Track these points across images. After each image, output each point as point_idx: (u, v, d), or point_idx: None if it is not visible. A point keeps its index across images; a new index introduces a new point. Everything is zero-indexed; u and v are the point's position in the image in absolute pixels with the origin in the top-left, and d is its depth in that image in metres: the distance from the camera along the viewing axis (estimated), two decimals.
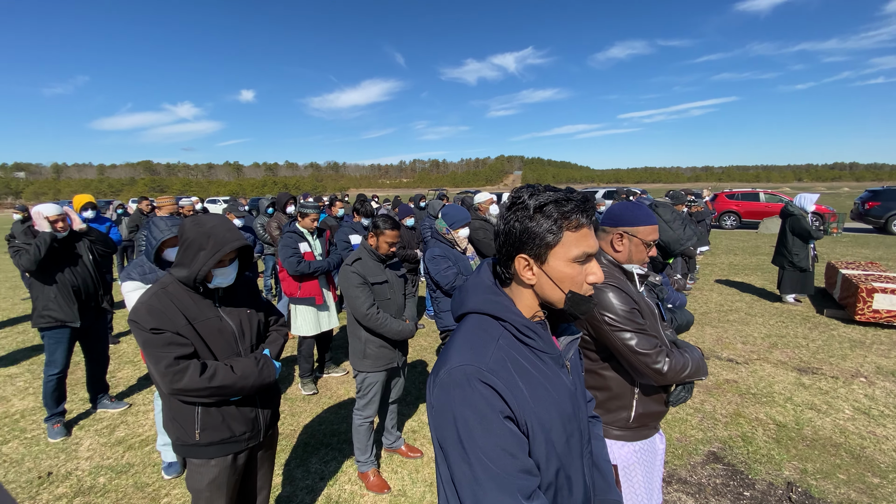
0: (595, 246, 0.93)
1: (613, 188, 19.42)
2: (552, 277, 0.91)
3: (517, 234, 0.92)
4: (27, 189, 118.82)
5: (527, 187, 0.95)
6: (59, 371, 3.36)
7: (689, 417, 3.52)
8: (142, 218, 6.83)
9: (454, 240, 3.28)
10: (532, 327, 0.93)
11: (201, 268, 1.64)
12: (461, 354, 0.88)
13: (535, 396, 0.88)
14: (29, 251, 3.09)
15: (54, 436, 3.33)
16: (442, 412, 0.85)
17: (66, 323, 3.29)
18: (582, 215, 0.90)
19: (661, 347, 1.57)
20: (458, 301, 1.02)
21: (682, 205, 6.10)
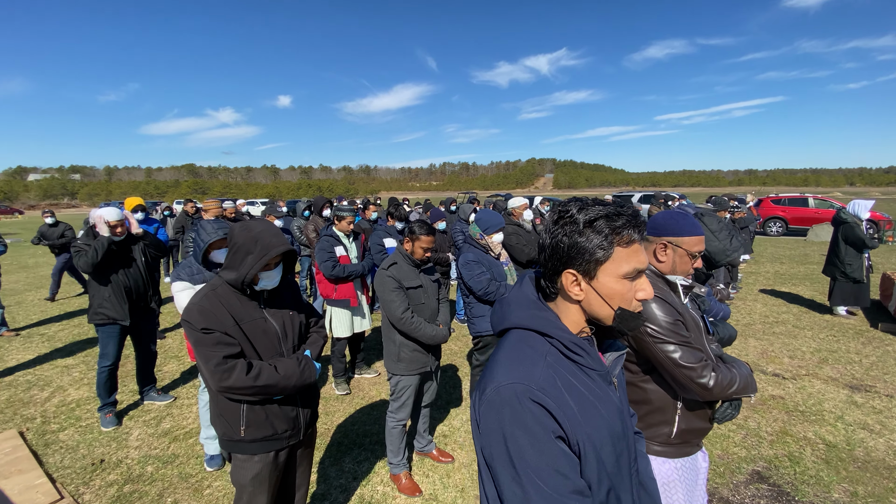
0: (645, 262, 0.91)
1: (650, 192, 18.85)
2: (601, 294, 0.89)
3: (565, 249, 0.90)
4: (82, 190, 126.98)
5: (574, 201, 0.93)
6: (111, 363, 3.57)
7: (732, 434, 3.37)
8: (187, 219, 7.17)
9: (488, 245, 3.27)
10: (580, 343, 0.91)
11: (249, 271, 1.71)
12: (509, 372, 0.86)
13: (586, 415, 0.86)
14: (87, 254, 3.31)
15: (106, 424, 3.54)
16: (491, 431, 0.83)
17: (117, 320, 3.51)
18: (634, 230, 0.88)
19: (706, 361, 1.51)
20: (500, 315, 1.00)
21: (725, 211, 5.86)
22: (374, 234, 5.02)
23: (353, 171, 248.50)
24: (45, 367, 4.82)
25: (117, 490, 2.80)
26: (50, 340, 5.68)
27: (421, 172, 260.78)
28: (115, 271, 3.48)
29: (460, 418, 3.65)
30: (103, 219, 3.42)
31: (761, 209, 17.02)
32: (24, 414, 3.79)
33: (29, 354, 5.17)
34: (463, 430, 3.48)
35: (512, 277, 3.39)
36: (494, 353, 0.96)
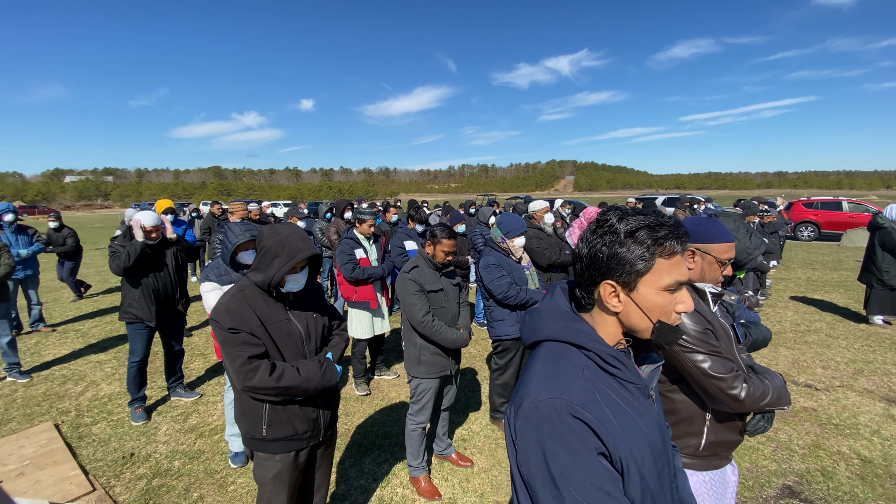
0: (687, 274, 0.89)
1: (675, 195, 18.44)
2: (641, 306, 0.87)
3: (604, 260, 0.88)
4: (114, 192, 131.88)
5: (613, 209, 0.92)
6: (140, 359, 3.71)
7: (762, 447, 3.26)
8: (213, 220, 7.37)
9: (509, 249, 3.26)
10: (617, 356, 0.89)
11: (276, 273, 1.75)
12: (546, 386, 0.84)
13: (627, 430, 0.84)
14: (120, 257, 3.44)
15: (136, 419, 3.67)
16: (529, 448, 0.81)
17: (143, 321, 3.64)
18: (676, 242, 0.86)
19: (737, 372, 1.47)
20: (532, 327, 0.98)
21: (754, 215, 5.68)
22: (394, 237, 5.06)
23: (372, 173, 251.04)
24: (80, 361, 5.01)
25: (146, 484, 2.89)
26: (84, 336, 5.91)
27: (440, 174, 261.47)
28: (146, 274, 3.61)
29: (479, 422, 3.64)
30: (140, 223, 3.53)
31: (792, 213, 16.44)
32: (60, 407, 3.95)
33: (64, 350, 5.39)
34: (482, 434, 3.47)
35: (533, 282, 3.36)
36: (528, 366, 0.94)
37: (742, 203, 6.00)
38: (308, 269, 1.91)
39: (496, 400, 3.49)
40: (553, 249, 4.16)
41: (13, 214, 5.50)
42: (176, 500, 2.74)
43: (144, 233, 3.55)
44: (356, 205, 6.49)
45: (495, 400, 3.50)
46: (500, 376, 3.43)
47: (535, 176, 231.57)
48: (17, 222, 5.57)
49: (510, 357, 3.37)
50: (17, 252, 5.42)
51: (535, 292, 3.25)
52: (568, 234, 4.92)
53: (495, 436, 3.45)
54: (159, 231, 3.64)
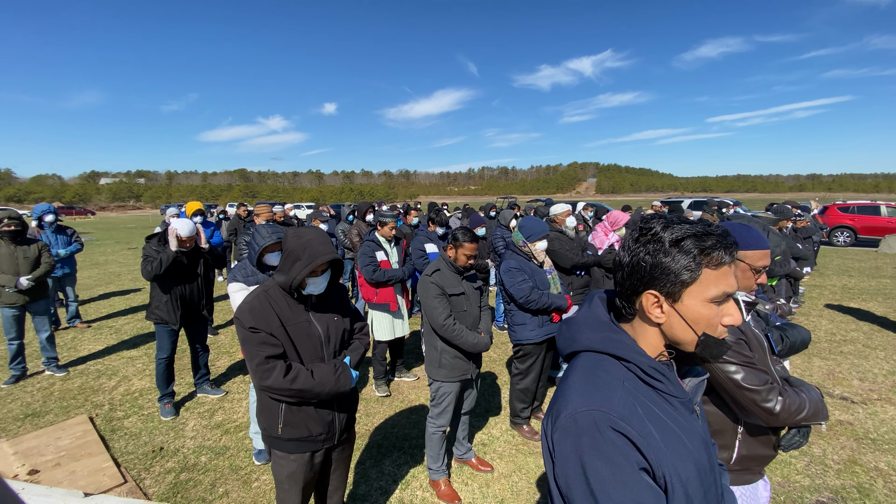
0: (735, 285, 0.85)
1: (702, 198, 17.97)
2: (685, 318, 0.84)
3: (647, 269, 0.85)
4: (145, 193, 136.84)
5: (657, 217, 0.89)
6: (167, 356, 3.83)
7: (795, 461, 3.13)
8: (239, 222, 7.56)
9: (531, 253, 3.23)
10: (659, 368, 0.86)
11: (296, 276, 1.78)
12: (585, 398, 0.82)
13: (670, 446, 0.80)
14: (151, 265, 3.57)
15: (165, 414, 3.78)
16: (567, 461, 0.79)
17: (167, 322, 3.76)
18: (724, 252, 0.83)
19: (772, 384, 1.42)
20: (568, 337, 0.96)
21: (788, 220, 5.48)
22: (415, 240, 5.08)
23: (393, 175, 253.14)
24: (113, 357, 5.21)
25: (174, 477, 2.98)
26: (117, 333, 6.13)
27: (459, 177, 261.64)
28: (175, 280, 3.73)
29: (500, 427, 3.61)
30: (176, 232, 3.62)
31: (827, 217, 15.81)
32: (94, 401, 4.11)
33: (99, 345, 5.61)
34: (502, 439, 3.44)
35: (556, 286, 3.32)
36: (565, 377, 0.92)
37: (774, 207, 5.79)
38: (329, 272, 1.94)
39: (517, 405, 3.46)
40: (575, 252, 4.11)
41: (54, 215, 5.76)
42: (202, 494, 2.81)
43: (179, 242, 3.65)
44: (377, 207, 6.56)
45: (516, 405, 3.47)
46: (521, 381, 3.40)
47: (557, 178, 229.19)
48: (56, 223, 5.83)
49: (531, 362, 3.34)
50: (57, 251, 5.68)
51: (557, 297, 3.21)
52: (591, 238, 4.85)
53: (515, 441, 3.42)
54: (193, 240, 3.75)
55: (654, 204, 12.53)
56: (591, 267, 4.26)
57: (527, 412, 3.49)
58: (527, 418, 3.51)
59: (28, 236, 4.58)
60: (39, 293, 4.49)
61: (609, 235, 4.72)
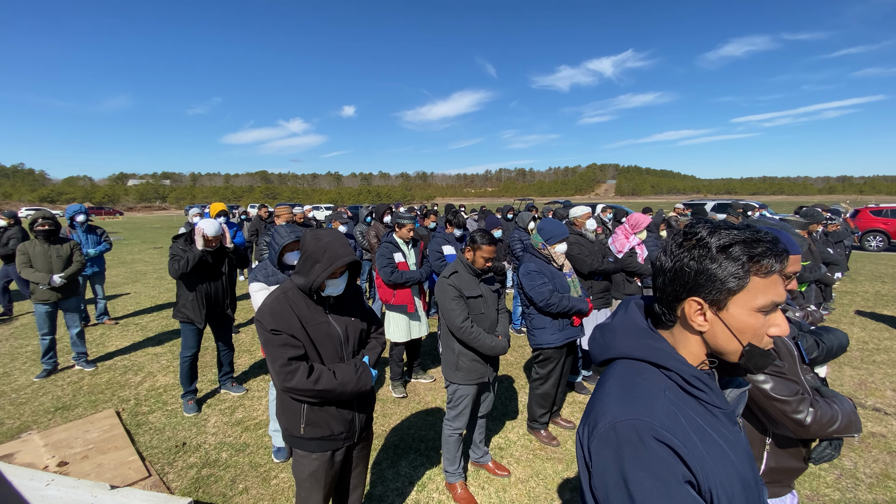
0: (784, 295, 0.82)
1: (726, 200, 17.51)
2: (730, 327, 0.81)
3: (691, 275, 0.82)
4: (171, 194, 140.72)
5: (703, 222, 0.86)
6: (191, 354, 3.93)
7: (824, 473, 3.01)
8: (261, 223, 7.70)
9: (550, 255, 3.20)
10: (702, 378, 0.83)
11: (316, 278, 1.80)
12: (626, 406, 0.79)
13: (715, 458, 0.77)
14: (178, 264, 3.66)
15: (188, 410, 3.88)
16: (607, 472, 0.76)
17: (193, 322, 3.85)
18: (775, 259, 0.79)
19: (803, 395, 1.37)
20: (603, 343, 0.94)
21: (818, 224, 5.29)
22: (432, 242, 5.09)
23: (410, 177, 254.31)
24: (139, 353, 5.36)
25: (196, 472, 3.04)
26: (143, 330, 6.32)
27: (476, 179, 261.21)
28: (200, 279, 3.83)
29: (517, 431, 3.58)
30: (202, 232, 3.72)
31: (858, 221, 15.20)
32: (121, 395, 4.23)
33: (125, 342, 5.78)
34: (519, 444, 3.41)
35: (575, 289, 3.28)
36: (601, 384, 0.90)
37: (803, 210, 5.60)
38: (347, 274, 1.95)
39: (536, 410, 3.42)
40: (595, 256, 4.04)
41: (85, 216, 5.98)
42: (223, 490, 2.86)
43: (205, 241, 3.74)
44: (394, 209, 6.59)
45: (535, 410, 3.43)
46: (541, 386, 3.36)
47: (575, 180, 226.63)
48: (87, 223, 6.04)
49: (552, 367, 3.30)
50: (87, 251, 5.88)
51: (577, 300, 3.17)
52: (611, 241, 4.77)
53: (533, 446, 3.38)
54: (219, 240, 3.84)
55: (677, 206, 12.27)
56: (611, 274, 4.18)
57: (545, 417, 3.45)
58: (545, 423, 3.47)
59: (61, 236, 4.76)
60: (71, 290, 4.66)
61: (630, 238, 4.64)
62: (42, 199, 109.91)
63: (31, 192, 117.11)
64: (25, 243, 4.50)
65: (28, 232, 5.36)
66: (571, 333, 3.23)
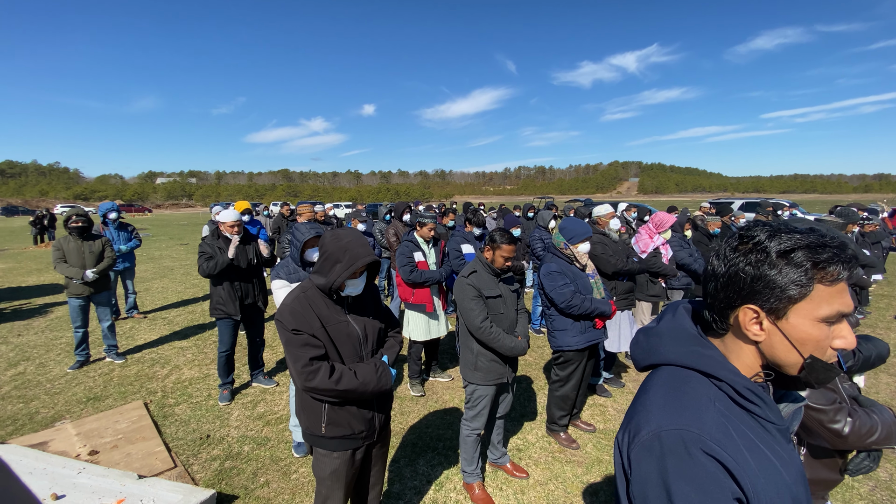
0: (851, 305, 0.75)
1: (754, 199, 16.95)
2: (790, 337, 0.76)
3: (747, 281, 0.77)
4: (197, 192, 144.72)
5: (761, 225, 0.81)
6: (227, 349, 4.05)
7: (858, 485, 2.88)
8: (283, 220, 7.83)
9: (573, 255, 3.14)
10: (755, 391, 0.78)
11: (336, 279, 1.80)
12: (672, 415, 0.75)
13: (767, 477, 0.72)
14: (208, 263, 3.80)
15: (222, 399, 4.03)
16: (649, 482, 0.73)
17: (231, 315, 3.98)
18: (843, 266, 0.73)
19: (840, 404, 1.31)
20: (647, 347, 0.90)
21: (854, 224, 5.06)
22: (451, 241, 5.07)
23: (429, 175, 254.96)
24: (165, 347, 5.52)
25: (219, 465, 3.11)
26: (170, 324, 6.50)
27: (495, 176, 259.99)
28: (230, 275, 3.96)
29: (535, 433, 3.54)
30: (221, 220, 3.94)
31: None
32: (149, 387, 4.37)
33: (153, 335, 5.97)
34: (538, 445, 3.37)
35: (598, 290, 3.21)
36: (644, 391, 0.86)
37: (839, 210, 5.36)
38: (366, 274, 1.96)
39: (555, 412, 3.38)
40: (619, 256, 3.96)
41: (117, 213, 6.19)
42: (245, 482, 2.92)
43: (228, 228, 3.92)
44: (413, 207, 6.60)
45: (554, 412, 3.38)
46: (560, 388, 3.31)
47: (597, 178, 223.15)
48: (119, 220, 6.25)
49: (572, 369, 3.25)
50: (118, 247, 6.09)
51: (600, 302, 3.10)
52: (634, 241, 4.67)
53: (552, 448, 3.34)
54: (240, 226, 3.99)
55: (703, 205, 11.93)
56: (635, 274, 4.09)
57: (565, 420, 3.40)
58: (565, 426, 3.42)
59: (93, 232, 4.94)
60: (103, 285, 4.83)
61: (654, 238, 4.53)
62: (76, 196, 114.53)
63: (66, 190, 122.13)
64: (60, 239, 4.68)
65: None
66: (594, 336, 3.17)
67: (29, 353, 5.29)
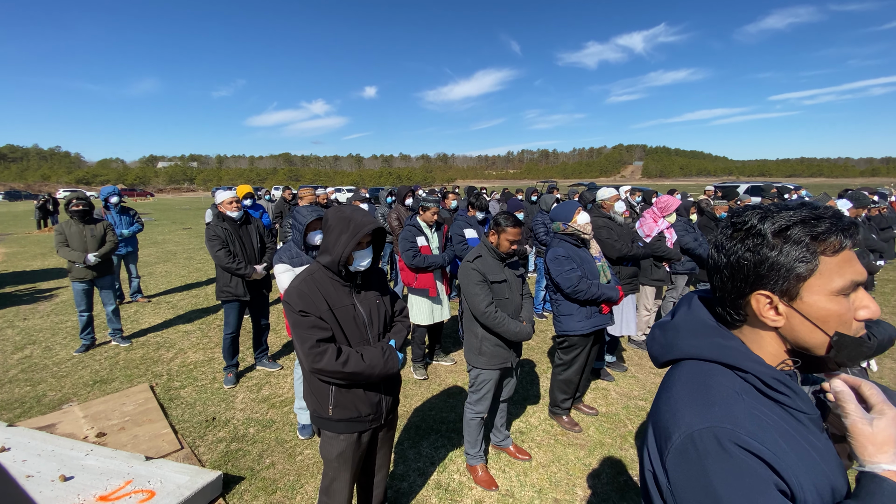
0: (864, 273, 0.72)
1: (759, 183, 16.79)
2: (810, 317, 0.73)
3: (751, 268, 0.75)
4: (198, 176, 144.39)
5: (751, 209, 0.78)
6: (233, 332, 4.09)
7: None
8: (285, 205, 7.78)
9: (577, 231, 3.11)
10: (783, 380, 0.75)
11: (344, 250, 1.78)
12: (700, 413, 0.72)
13: (808, 469, 0.69)
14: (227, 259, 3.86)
15: (227, 382, 4.07)
16: (691, 490, 0.69)
17: (239, 297, 4.00)
18: (843, 235, 0.71)
19: None
20: (665, 342, 0.87)
21: (864, 208, 4.99)
22: (454, 225, 5.03)
23: (431, 159, 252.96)
24: (170, 330, 5.56)
25: (225, 446, 3.15)
26: (174, 308, 6.54)
27: (498, 160, 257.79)
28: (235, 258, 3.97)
29: (538, 416, 3.56)
30: (218, 199, 4.00)
31: None
32: (154, 371, 4.40)
33: (158, 319, 6.00)
34: (541, 428, 3.40)
35: (605, 274, 3.18)
36: (666, 389, 0.82)
37: (849, 194, 5.28)
38: (372, 247, 1.94)
39: (558, 395, 3.39)
40: (624, 241, 3.91)
41: (118, 197, 6.16)
42: (251, 464, 2.96)
43: (227, 206, 3.96)
44: (415, 191, 6.54)
45: (557, 395, 3.40)
46: (564, 372, 3.32)
47: (600, 161, 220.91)
48: (120, 204, 6.23)
49: (576, 353, 3.24)
50: (121, 231, 6.08)
51: (607, 287, 3.08)
52: (638, 225, 4.62)
53: (554, 431, 3.36)
54: (238, 204, 4.03)
55: (707, 189, 11.82)
56: (640, 259, 4.06)
57: (568, 403, 3.41)
58: (567, 409, 3.44)
59: (95, 216, 4.92)
60: (106, 269, 4.83)
61: (658, 222, 4.48)
62: (78, 180, 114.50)
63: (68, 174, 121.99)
64: (62, 223, 4.67)
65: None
66: (599, 321, 3.15)
67: (35, 336, 5.33)
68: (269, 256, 4.17)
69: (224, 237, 3.88)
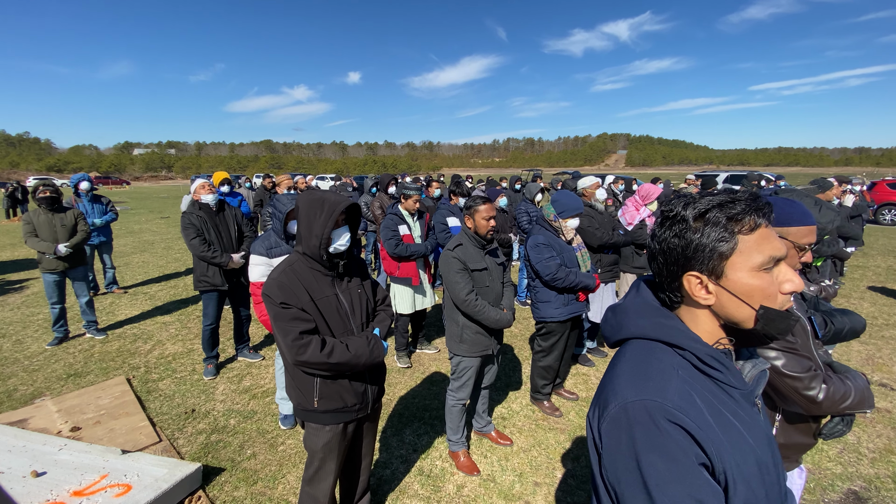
0: (782, 248, 0.78)
1: (739, 172, 17.06)
2: (735, 292, 0.79)
3: (679, 251, 0.81)
4: (176, 164, 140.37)
5: (677, 198, 0.84)
6: (212, 323, 4.02)
7: (827, 448, 3.02)
8: (266, 193, 7.64)
9: (560, 228, 3.12)
10: (717, 357, 0.80)
11: (323, 231, 1.76)
12: (637, 387, 0.78)
13: (731, 441, 0.75)
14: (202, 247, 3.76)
15: (207, 374, 4.01)
16: (618, 453, 0.75)
17: (217, 287, 3.91)
18: (756, 214, 0.78)
19: (815, 371, 1.33)
20: (615, 324, 0.93)
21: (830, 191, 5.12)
22: (437, 213, 5.01)
23: (416, 147, 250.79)
24: (148, 322, 5.44)
25: (205, 438, 3.12)
26: (151, 299, 6.39)
27: (484, 148, 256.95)
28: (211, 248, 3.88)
29: (519, 402, 3.61)
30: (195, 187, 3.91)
31: (875, 194, 14.83)
32: (131, 363, 4.31)
33: (135, 310, 5.86)
34: (522, 414, 3.45)
35: (584, 264, 3.21)
36: (612, 366, 0.88)
37: (818, 182, 5.42)
38: (348, 226, 1.93)
39: (538, 381, 3.44)
40: (605, 229, 3.95)
41: (89, 183, 5.93)
42: (232, 455, 2.93)
43: (201, 191, 3.86)
44: (400, 179, 6.48)
45: (537, 381, 3.44)
46: (543, 359, 3.36)
47: (585, 150, 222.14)
48: (92, 192, 6.01)
49: (555, 340, 3.29)
50: (93, 220, 5.87)
51: (585, 276, 3.11)
52: (621, 213, 4.67)
53: (535, 416, 3.41)
54: (212, 188, 3.94)
55: (688, 177, 11.99)
56: (620, 247, 4.11)
57: (548, 388, 3.47)
58: (548, 395, 3.49)
59: (65, 204, 4.74)
60: (78, 260, 4.68)
61: (640, 210, 4.53)
62: (49, 168, 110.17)
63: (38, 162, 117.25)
64: (30, 212, 4.49)
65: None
66: (576, 308, 3.19)
67: (4, 329, 5.16)
68: (247, 245, 4.07)
69: (199, 225, 3.77)
